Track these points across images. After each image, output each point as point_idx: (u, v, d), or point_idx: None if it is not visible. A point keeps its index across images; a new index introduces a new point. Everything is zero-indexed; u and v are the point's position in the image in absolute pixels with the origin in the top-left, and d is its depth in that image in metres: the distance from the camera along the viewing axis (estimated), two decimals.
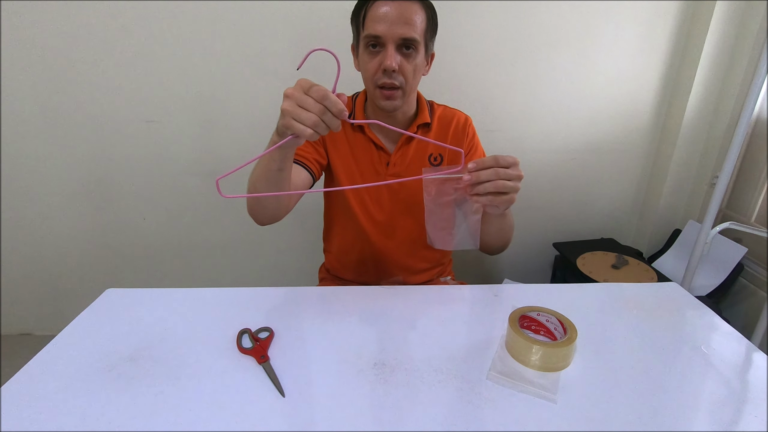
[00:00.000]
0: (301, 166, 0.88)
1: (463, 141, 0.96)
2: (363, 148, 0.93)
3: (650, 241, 1.71)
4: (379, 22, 0.77)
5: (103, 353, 0.64)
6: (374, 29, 0.78)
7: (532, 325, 0.69)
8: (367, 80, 0.85)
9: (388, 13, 0.77)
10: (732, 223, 1.27)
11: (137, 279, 1.67)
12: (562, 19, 1.42)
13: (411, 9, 0.78)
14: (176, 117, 1.44)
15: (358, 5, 0.83)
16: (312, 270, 1.22)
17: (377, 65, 0.81)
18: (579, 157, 1.63)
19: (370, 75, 0.83)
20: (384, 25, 0.77)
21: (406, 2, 0.78)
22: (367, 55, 0.82)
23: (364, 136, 0.92)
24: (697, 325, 0.75)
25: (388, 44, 0.79)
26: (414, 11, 0.78)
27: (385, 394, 0.57)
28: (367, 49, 0.81)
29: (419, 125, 0.92)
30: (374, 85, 0.83)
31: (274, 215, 0.82)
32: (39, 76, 1.36)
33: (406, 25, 0.78)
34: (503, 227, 0.83)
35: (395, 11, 0.77)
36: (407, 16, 0.78)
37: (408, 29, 0.78)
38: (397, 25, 0.77)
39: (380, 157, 0.93)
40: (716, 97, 1.50)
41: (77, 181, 1.51)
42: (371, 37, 0.79)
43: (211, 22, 1.33)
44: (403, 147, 0.93)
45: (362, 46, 0.82)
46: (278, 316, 0.74)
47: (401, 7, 0.77)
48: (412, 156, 0.93)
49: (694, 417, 0.55)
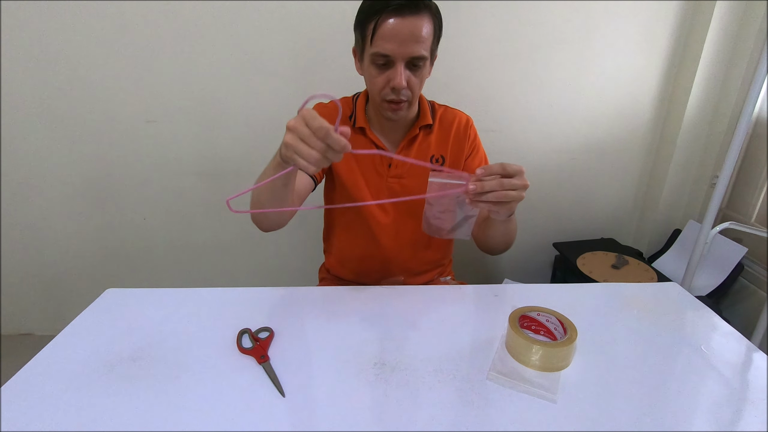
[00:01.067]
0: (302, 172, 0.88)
1: (465, 142, 0.96)
2: (364, 149, 0.93)
3: (650, 241, 1.71)
4: (388, 40, 0.75)
5: (103, 353, 0.64)
6: (383, 48, 0.76)
7: (532, 325, 0.69)
8: (373, 93, 0.85)
9: (398, 32, 0.75)
10: (732, 223, 1.27)
11: (137, 279, 1.67)
12: (562, 19, 1.42)
13: (420, 24, 0.75)
14: (176, 117, 1.44)
15: (364, 15, 0.79)
16: (312, 270, 1.22)
17: (385, 81, 0.80)
18: (579, 157, 1.63)
19: (377, 89, 0.82)
20: (393, 44, 0.75)
21: (415, 17, 0.75)
22: (374, 69, 0.80)
23: (365, 138, 0.92)
24: (697, 325, 0.75)
25: (397, 63, 0.77)
26: (423, 25, 0.76)
27: (385, 394, 0.57)
28: (375, 63, 0.79)
29: (421, 127, 0.92)
30: (381, 98, 0.83)
31: (278, 223, 0.83)
32: (39, 76, 1.36)
33: (416, 43, 0.76)
34: (507, 230, 0.83)
35: (405, 29, 0.75)
36: (417, 33, 0.75)
37: (418, 47, 0.76)
38: (407, 44, 0.75)
39: (381, 159, 0.93)
40: (716, 97, 1.50)
41: (77, 181, 1.51)
42: (380, 55, 0.77)
43: (211, 22, 1.33)
44: (404, 148, 0.93)
45: (369, 59, 0.80)
46: (278, 316, 0.74)
47: (411, 25, 0.75)
48: (414, 157, 0.93)
49: (694, 417, 0.55)
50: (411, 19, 0.74)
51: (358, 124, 0.91)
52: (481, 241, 0.92)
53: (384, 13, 0.74)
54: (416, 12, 0.74)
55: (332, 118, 0.90)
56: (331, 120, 0.80)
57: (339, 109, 0.59)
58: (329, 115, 0.93)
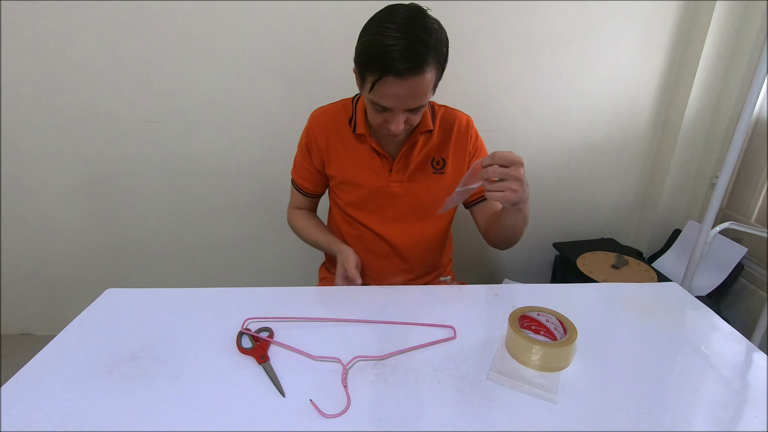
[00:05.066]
0: (307, 197, 1.04)
1: (467, 143, 0.95)
2: (364, 157, 0.92)
3: (650, 241, 1.71)
4: (387, 97, 0.74)
5: (103, 353, 0.64)
6: (381, 101, 0.75)
7: (532, 325, 0.69)
8: (371, 123, 0.86)
9: (398, 92, 0.73)
10: (732, 223, 1.27)
11: (137, 279, 1.67)
12: (562, 19, 1.42)
13: (422, 82, 0.72)
14: (176, 117, 1.44)
15: (365, 62, 0.73)
16: (312, 270, 1.22)
17: (383, 120, 0.80)
18: (579, 156, 1.63)
19: (375, 124, 0.82)
20: (392, 101, 0.75)
21: (418, 77, 0.71)
22: (372, 108, 0.79)
23: (364, 145, 0.92)
24: (697, 325, 0.75)
25: (396, 113, 0.77)
26: (424, 82, 0.73)
27: (385, 394, 0.57)
28: (373, 106, 0.78)
29: (422, 133, 0.91)
30: (378, 129, 0.84)
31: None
32: (39, 76, 1.36)
33: (415, 99, 0.75)
34: (516, 223, 0.84)
35: (405, 90, 0.72)
36: (418, 92, 0.74)
37: (417, 101, 0.75)
38: (406, 101, 0.75)
39: (382, 164, 0.92)
40: (716, 97, 1.50)
41: (77, 180, 1.51)
42: (378, 105, 0.77)
43: (212, 22, 1.33)
44: (405, 154, 0.92)
45: (367, 99, 0.79)
46: (278, 316, 0.74)
47: (412, 85, 0.72)
48: (415, 161, 0.93)
49: (694, 417, 0.55)
50: (413, 79, 0.71)
51: (358, 130, 0.90)
52: (491, 234, 0.93)
53: (385, 76, 0.71)
54: (419, 72, 0.71)
55: (330, 124, 0.94)
56: (327, 124, 0.94)
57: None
58: (327, 123, 0.94)
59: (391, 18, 0.71)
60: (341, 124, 0.93)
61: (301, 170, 1.00)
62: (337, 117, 0.94)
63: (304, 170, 0.99)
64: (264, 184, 1.55)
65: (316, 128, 0.94)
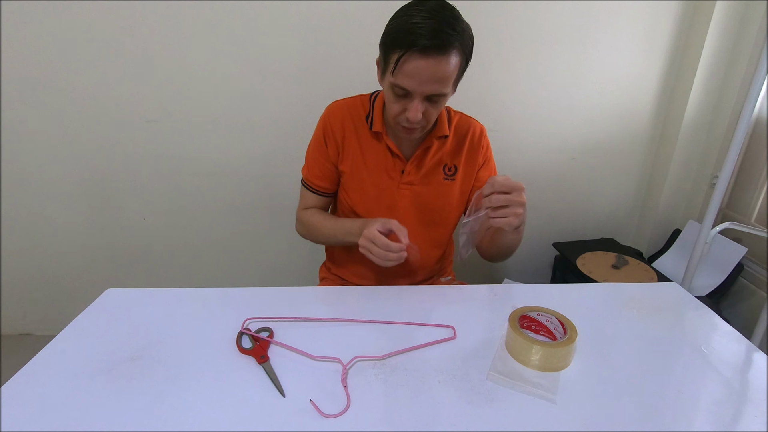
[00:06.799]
0: (321, 196, 0.99)
1: (479, 153, 0.95)
2: (377, 155, 0.92)
3: (650, 241, 1.71)
4: (409, 77, 0.73)
5: (103, 353, 0.64)
6: (403, 82, 0.74)
7: (532, 325, 0.69)
8: (388, 114, 0.85)
9: (420, 71, 0.72)
10: (732, 223, 1.27)
11: (137, 279, 1.67)
12: (562, 19, 1.42)
13: (445, 64, 0.72)
14: (176, 117, 1.44)
15: (390, 42, 0.74)
16: (312, 270, 1.22)
17: (401, 109, 0.79)
18: (579, 157, 1.63)
19: (393, 114, 0.81)
20: (413, 81, 0.74)
21: (442, 57, 0.71)
22: (392, 95, 0.79)
23: (380, 144, 0.91)
24: (697, 325, 0.75)
25: (415, 97, 0.76)
26: (448, 64, 0.73)
27: (385, 394, 0.57)
28: (393, 91, 0.78)
29: (437, 137, 0.91)
30: (395, 122, 0.83)
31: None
32: (39, 76, 1.36)
33: (437, 83, 0.74)
34: (514, 242, 0.87)
35: (428, 70, 0.72)
36: (440, 74, 0.73)
37: (438, 86, 0.75)
38: (427, 84, 0.74)
39: (395, 164, 0.92)
40: (716, 97, 1.50)
41: (77, 181, 1.51)
42: (399, 87, 0.76)
43: (212, 22, 1.33)
44: (419, 156, 0.92)
45: (388, 84, 0.78)
46: (278, 316, 0.74)
47: (435, 65, 0.72)
48: (428, 165, 0.93)
49: (694, 417, 0.55)
50: (436, 59, 0.71)
51: (374, 128, 0.90)
52: (487, 251, 0.94)
53: (409, 51, 0.71)
54: (444, 52, 0.71)
55: (348, 118, 0.92)
56: (345, 117, 0.92)
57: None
58: (344, 116, 0.92)
59: (421, 4, 0.72)
60: (358, 119, 0.92)
61: (316, 167, 0.96)
62: (355, 112, 0.92)
63: (320, 167, 0.95)
64: (264, 184, 1.55)
65: (334, 120, 0.92)
